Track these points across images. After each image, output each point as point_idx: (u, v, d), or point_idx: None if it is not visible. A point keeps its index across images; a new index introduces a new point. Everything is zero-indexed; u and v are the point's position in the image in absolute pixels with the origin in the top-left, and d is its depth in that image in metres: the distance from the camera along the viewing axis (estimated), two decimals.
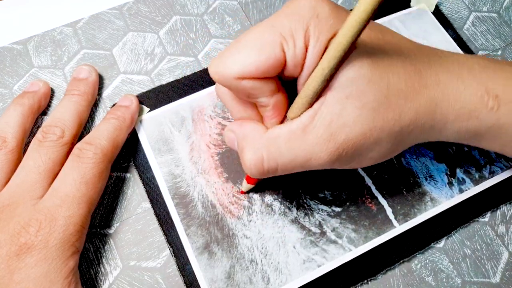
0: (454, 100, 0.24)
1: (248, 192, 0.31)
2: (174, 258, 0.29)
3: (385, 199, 0.32)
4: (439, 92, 0.23)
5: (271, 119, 0.24)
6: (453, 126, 0.24)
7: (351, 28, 0.19)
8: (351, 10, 0.19)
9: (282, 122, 0.24)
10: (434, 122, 0.24)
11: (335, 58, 0.20)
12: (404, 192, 0.32)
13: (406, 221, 0.31)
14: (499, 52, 0.38)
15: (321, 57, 0.21)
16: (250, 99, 0.23)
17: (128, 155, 0.32)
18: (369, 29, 0.23)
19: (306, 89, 0.22)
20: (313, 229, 0.31)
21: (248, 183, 0.30)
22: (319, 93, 0.22)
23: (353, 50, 0.21)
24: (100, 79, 0.34)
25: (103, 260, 0.29)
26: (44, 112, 0.33)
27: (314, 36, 0.21)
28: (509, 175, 0.33)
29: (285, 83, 0.24)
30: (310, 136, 0.22)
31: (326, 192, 0.32)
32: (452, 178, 0.33)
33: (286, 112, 0.24)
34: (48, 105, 0.33)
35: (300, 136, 0.23)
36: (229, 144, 0.26)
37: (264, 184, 0.31)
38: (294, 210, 0.31)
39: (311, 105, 0.23)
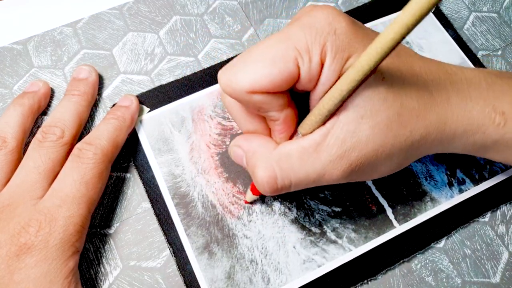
0: (462, 117, 0.24)
1: (251, 202, 0.31)
2: (174, 258, 0.29)
3: (385, 199, 0.32)
4: (448, 110, 0.24)
5: (281, 133, 0.24)
6: (460, 141, 0.25)
7: (376, 55, 0.18)
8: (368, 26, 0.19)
9: (291, 136, 0.24)
10: (443, 137, 0.24)
11: (356, 81, 0.20)
12: (404, 192, 0.32)
13: (406, 221, 0.31)
14: (499, 52, 0.38)
15: (337, 76, 0.21)
16: (259, 113, 0.23)
17: (128, 155, 0.32)
18: None
19: (320, 107, 0.22)
20: (313, 229, 0.31)
21: (254, 194, 0.30)
22: (334, 112, 0.22)
23: (373, 74, 0.21)
24: (100, 79, 0.34)
25: (103, 260, 0.29)
26: (44, 112, 0.33)
27: (331, 53, 0.21)
28: (509, 176, 0.33)
29: (294, 96, 0.24)
30: (323, 154, 0.22)
31: (326, 192, 0.32)
32: (452, 178, 0.33)
33: (296, 126, 0.24)
34: (48, 105, 0.33)
35: (312, 154, 0.23)
36: (236, 160, 0.26)
37: None
38: (294, 210, 0.31)
39: (324, 123, 0.22)
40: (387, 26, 0.18)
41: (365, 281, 0.30)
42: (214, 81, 0.35)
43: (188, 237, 0.30)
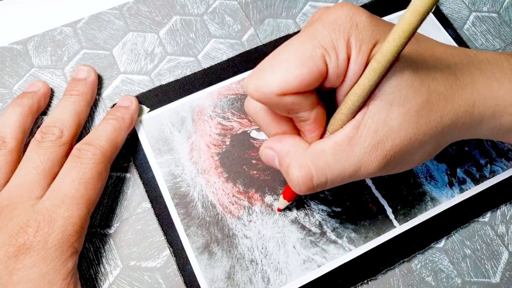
0: (489, 98, 0.24)
1: (284, 209, 0.31)
2: (174, 258, 0.29)
3: (385, 199, 0.32)
4: (475, 91, 0.24)
5: (312, 133, 0.23)
6: (488, 124, 0.25)
7: (398, 41, 0.19)
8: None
9: (322, 135, 0.24)
10: (472, 121, 0.24)
11: (381, 70, 0.20)
12: (404, 192, 0.32)
13: (406, 221, 0.31)
14: None
15: (364, 68, 0.21)
16: (289, 115, 0.23)
17: (128, 155, 0.32)
18: None
19: (348, 102, 0.22)
20: (313, 229, 0.31)
21: (285, 199, 0.29)
22: (362, 104, 0.22)
23: (397, 61, 0.21)
24: (100, 79, 0.34)
25: (103, 260, 0.29)
26: (44, 112, 0.33)
27: (356, 46, 0.21)
28: (510, 175, 0.33)
29: (320, 94, 0.23)
30: (357, 147, 0.22)
31: (326, 192, 0.32)
32: (452, 178, 0.33)
33: (325, 125, 0.24)
34: (48, 105, 0.33)
35: (346, 148, 0.22)
36: (267, 162, 0.25)
37: (266, 184, 0.31)
38: (294, 210, 0.31)
39: (353, 116, 0.22)
40: (404, 13, 0.18)
41: (365, 281, 0.29)
42: (214, 81, 0.35)
43: (188, 237, 0.30)
